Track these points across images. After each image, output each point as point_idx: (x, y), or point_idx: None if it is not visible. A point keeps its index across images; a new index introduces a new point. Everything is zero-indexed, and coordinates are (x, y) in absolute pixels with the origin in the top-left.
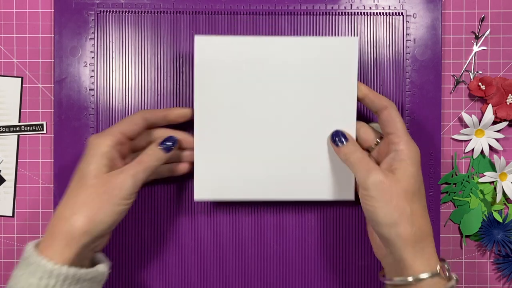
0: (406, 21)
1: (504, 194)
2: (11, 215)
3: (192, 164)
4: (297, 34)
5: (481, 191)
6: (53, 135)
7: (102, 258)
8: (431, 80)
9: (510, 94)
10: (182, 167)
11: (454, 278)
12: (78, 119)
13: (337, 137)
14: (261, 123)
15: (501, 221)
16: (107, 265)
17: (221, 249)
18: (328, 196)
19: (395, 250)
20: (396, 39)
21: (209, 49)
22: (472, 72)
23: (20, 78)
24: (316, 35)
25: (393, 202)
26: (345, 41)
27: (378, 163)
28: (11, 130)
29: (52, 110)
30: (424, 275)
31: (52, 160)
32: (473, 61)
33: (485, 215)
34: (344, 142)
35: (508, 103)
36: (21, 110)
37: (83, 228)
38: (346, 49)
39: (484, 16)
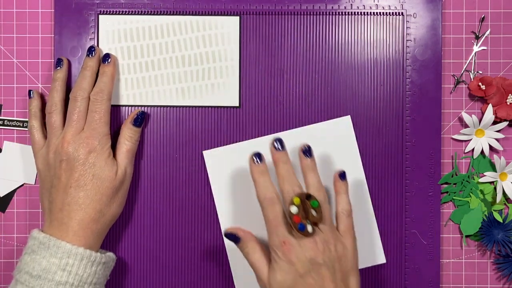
0: (406, 21)
1: (504, 194)
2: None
3: None
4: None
5: (481, 191)
6: None
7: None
8: (431, 80)
9: (510, 94)
10: None
11: None
12: None
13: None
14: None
15: (501, 221)
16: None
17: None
18: (362, 265)
19: None
20: (396, 39)
21: (218, 161)
22: (472, 72)
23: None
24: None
25: None
26: (340, 122)
27: None
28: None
29: None
30: None
31: None
32: (473, 61)
33: (485, 215)
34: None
35: (508, 103)
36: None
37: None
38: (342, 128)
39: (484, 16)
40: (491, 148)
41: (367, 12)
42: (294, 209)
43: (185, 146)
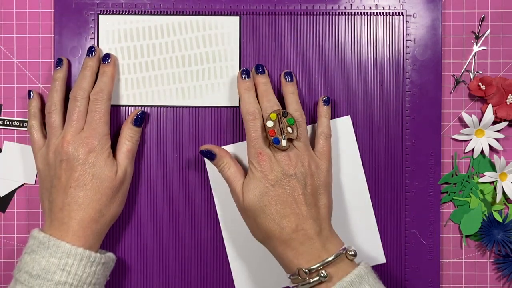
0: (406, 21)
1: (504, 194)
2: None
3: None
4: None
5: (481, 191)
6: None
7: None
8: (431, 80)
9: (510, 94)
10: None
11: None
12: None
13: None
14: None
15: (501, 221)
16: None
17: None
18: None
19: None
20: (396, 39)
21: None
22: (472, 72)
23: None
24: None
25: None
26: (340, 122)
27: None
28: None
29: None
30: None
31: None
32: (473, 61)
33: (485, 215)
34: None
35: (508, 103)
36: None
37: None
38: (342, 128)
39: (484, 16)
40: (491, 148)
41: (367, 12)
42: (270, 124)
43: (185, 146)
